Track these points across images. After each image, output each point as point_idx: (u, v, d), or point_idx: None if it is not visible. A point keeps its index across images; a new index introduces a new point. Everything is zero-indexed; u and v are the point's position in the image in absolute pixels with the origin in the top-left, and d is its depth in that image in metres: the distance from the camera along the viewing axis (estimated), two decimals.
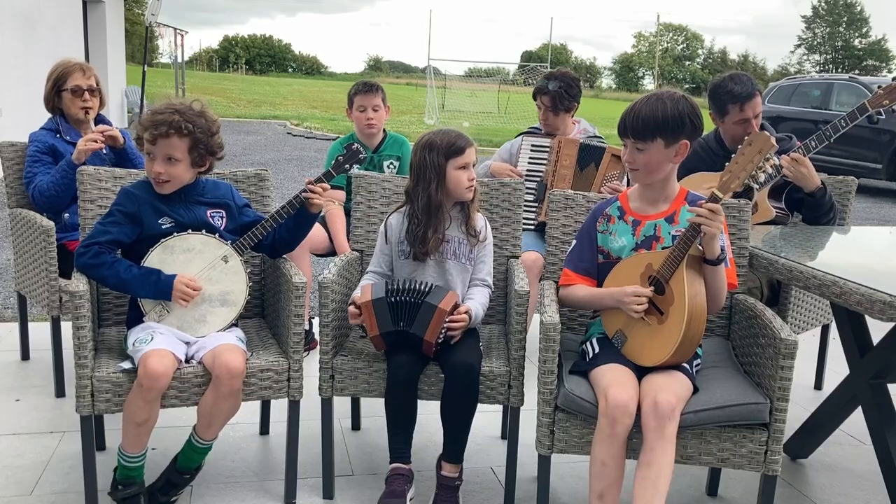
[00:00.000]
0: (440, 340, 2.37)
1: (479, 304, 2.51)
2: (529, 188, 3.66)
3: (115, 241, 2.37)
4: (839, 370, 2.85)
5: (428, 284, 2.43)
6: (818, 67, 65.83)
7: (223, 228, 2.51)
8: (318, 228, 3.58)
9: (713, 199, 2.15)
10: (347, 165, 2.65)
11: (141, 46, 22.32)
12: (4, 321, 4.12)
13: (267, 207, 2.85)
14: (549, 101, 3.70)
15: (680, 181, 3.07)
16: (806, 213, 3.19)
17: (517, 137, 3.87)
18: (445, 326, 2.35)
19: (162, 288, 2.35)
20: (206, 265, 2.43)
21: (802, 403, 3.32)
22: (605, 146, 3.59)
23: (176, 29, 26.38)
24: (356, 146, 2.66)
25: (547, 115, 3.74)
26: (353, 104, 3.85)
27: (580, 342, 2.47)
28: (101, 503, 2.31)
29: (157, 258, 2.38)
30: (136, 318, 2.41)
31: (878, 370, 2.51)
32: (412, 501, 2.42)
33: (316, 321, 3.66)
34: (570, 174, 3.60)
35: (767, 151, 2.09)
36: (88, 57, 12.78)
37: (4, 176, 3.36)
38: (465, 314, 2.40)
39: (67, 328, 2.56)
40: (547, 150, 3.71)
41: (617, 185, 3.48)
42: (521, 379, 2.42)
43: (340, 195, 3.78)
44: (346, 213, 3.73)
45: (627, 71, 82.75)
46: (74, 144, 3.24)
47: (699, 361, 2.34)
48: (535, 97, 3.81)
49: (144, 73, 15.46)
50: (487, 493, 2.59)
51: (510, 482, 2.50)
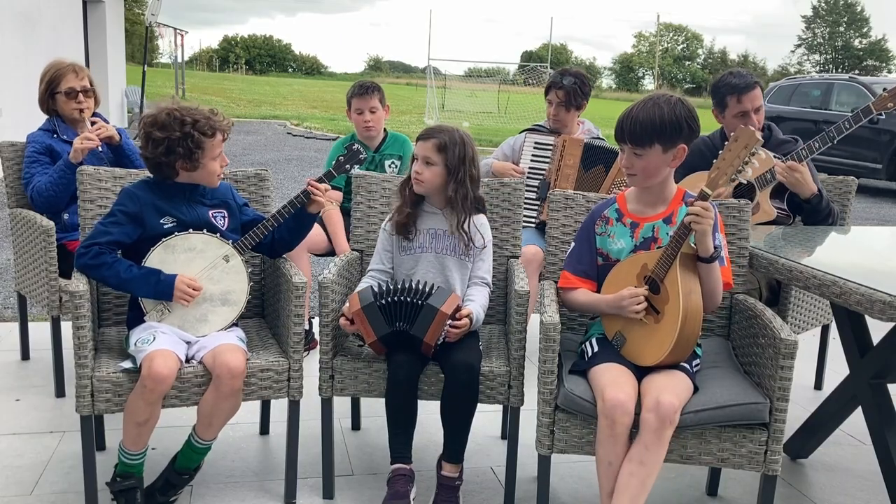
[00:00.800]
0: (439, 342, 2.37)
1: (479, 306, 2.51)
2: (532, 186, 3.66)
3: (115, 241, 2.37)
4: (839, 370, 2.85)
5: (430, 285, 2.43)
6: (818, 67, 65.84)
7: (225, 228, 2.51)
8: (316, 228, 3.57)
9: (702, 196, 2.15)
10: (348, 166, 2.65)
11: (141, 46, 22.33)
12: (4, 321, 4.12)
13: (267, 207, 2.85)
14: (563, 95, 3.68)
15: (683, 179, 3.09)
16: (805, 217, 3.20)
17: (520, 134, 3.85)
18: (445, 329, 2.35)
19: (163, 288, 2.35)
20: (207, 264, 2.43)
21: (802, 403, 3.32)
22: (616, 149, 3.58)
23: (176, 29, 26.42)
24: (356, 146, 2.66)
25: (559, 110, 3.72)
26: (350, 106, 3.85)
27: (580, 342, 2.47)
28: (101, 503, 2.32)
29: (158, 257, 2.38)
30: (136, 317, 2.41)
31: (878, 370, 2.51)
32: (414, 500, 2.42)
33: (316, 321, 3.66)
34: (573, 174, 3.59)
35: (753, 146, 2.09)
36: (88, 57, 12.78)
37: (4, 176, 3.36)
38: (466, 318, 2.40)
39: (67, 328, 2.56)
40: (550, 148, 3.70)
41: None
42: (521, 379, 2.42)
43: (337, 195, 3.77)
44: (345, 213, 3.73)
45: (627, 71, 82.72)
46: (71, 144, 3.24)
47: (699, 361, 2.34)
48: (547, 91, 3.77)
49: (144, 73, 15.47)
50: (487, 493, 2.60)
51: (510, 482, 2.50)
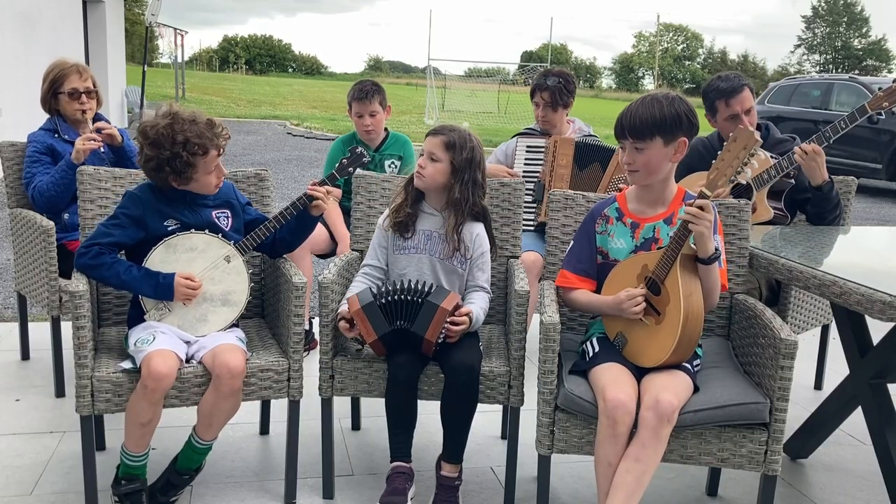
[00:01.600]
0: (440, 341, 2.37)
1: (479, 307, 2.51)
2: (527, 189, 3.66)
3: (116, 243, 2.37)
4: (839, 370, 2.85)
5: (429, 284, 2.43)
6: (818, 67, 65.84)
7: (229, 228, 2.51)
8: (319, 229, 3.57)
9: (701, 196, 2.15)
10: (351, 169, 2.65)
11: (141, 46, 22.33)
12: (4, 321, 4.12)
13: (267, 207, 2.85)
14: (548, 96, 3.70)
15: (681, 180, 3.09)
16: (812, 209, 3.18)
17: (512, 139, 3.86)
18: (445, 327, 2.35)
19: (163, 288, 2.35)
20: (208, 265, 2.43)
21: (802, 403, 3.32)
22: (613, 147, 3.59)
23: (176, 29, 26.43)
24: (360, 150, 2.66)
25: (546, 111, 3.73)
26: (351, 108, 3.84)
27: (580, 342, 2.47)
28: (101, 503, 2.32)
29: (159, 257, 2.38)
30: (137, 316, 2.41)
31: (878, 370, 2.51)
32: (413, 500, 2.42)
33: (316, 321, 3.66)
34: (567, 173, 3.60)
35: (752, 147, 2.10)
36: (88, 57, 12.79)
37: (4, 176, 3.36)
38: (465, 316, 2.40)
39: (67, 328, 2.56)
40: (542, 150, 3.70)
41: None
42: (521, 379, 2.42)
43: (337, 192, 3.77)
44: (345, 212, 3.73)
45: (627, 71, 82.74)
46: (73, 144, 3.24)
47: (699, 361, 2.34)
48: (532, 94, 3.79)
49: (144, 73, 15.47)
50: (487, 493, 2.60)
51: (510, 482, 2.50)
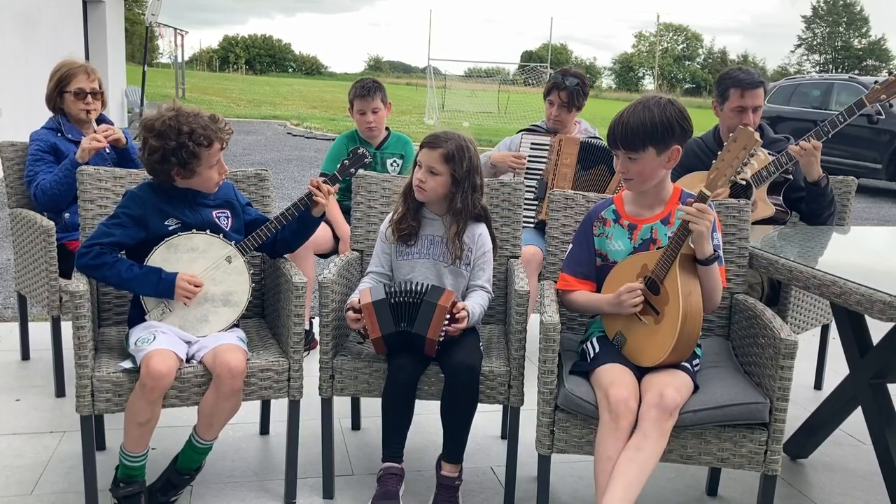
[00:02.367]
0: (441, 339, 2.37)
1: (476, 304, 2.51)
2: (530, 186, 3.66)
3: (117, 243, 2.37)
4: (839, 370, 2.85)
5: (424, 285, 2.43)
6: (818, 67, 65.84)
7: (229, 229, 2.51)
8: (322, 228, 3.57)
9: (701, 197, 2.15)
10: (353, 169, 2.65)
11: (141, 46, 22.33)
12: (4, 321, 4.12)
13: (267, 208, 2.85)
14: (566, 96, 3.68)
15: (678, 180, 3.09)
16: (806, 206, 3.19)
17: (517, 134, 3.86)
18: (445, 325, 2.35)
19: (164, 287, 2.35)
20: (209, 265, 2.43)
21: (802, 403, 3.32)
22: None
23: (176, 29, 26.43)
24: (362, 150, 2.66)
25: (560, 111, 3.72)
26: (353, 106, 3.85)
27: (580, 342, 2.47)
28: (101, 503, 2.32)
29: (160, 256, 2.38)
30: (138, 316, 2.41)
31: (878, 370, 2.51)
32: (409, 501, 2.42)
33: (316, 321, 3.66)
34: (570, 172, 3.60)
35: (752, 147, 2.10)
36: (88, 57, 12.78)
37: (5, 176, 3.36)
38: (463, 311, 2.40)
39: (67, 328, 2.57)
40: (547, 148, 3.70)
41: None
42: (521, 379, 2.42)
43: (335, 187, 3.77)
44: (345, 211, 3.73)
45: (627, 71, 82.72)
46: (76, 143, 3.24)
47: (699, 361, 2.35)
48: (548, 93, 3.77)
49: (144, 73, 15.48)
50: (487, 493, 2.60)
51: (510, 482, 2.50)
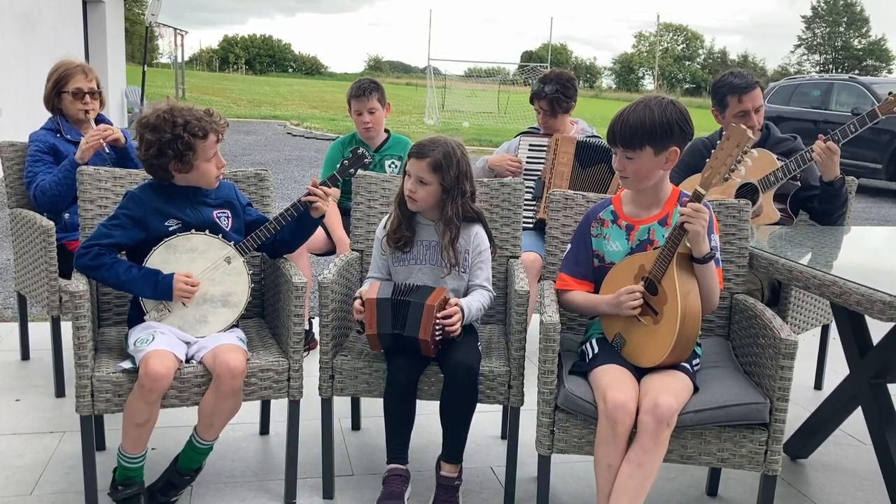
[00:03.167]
0: (438, 338, 2.36)
1: (473, 300, 2.50)
2: (528, 187, 3.66)
3: (116, 244, 2.37)
4: (839, 370, 2.85)
5: (412, 285, 2.43)
6: (818, 67, 65.84)
7: (229, 229, 2.51)
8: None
9: (696, 196, 2.15)
10: (352, 170, 2.65)
11: (141, 46, 22.34)
12: (4, 321, 4.12)
13: (267, 208, 2.85)
14: (546, 105, 3.71)
15: (684, 181, 3.09)
16: (819, 205, 3.18)
17: (515, 138, 3.88)
18: (440, 323, 2.35)
19: (162, 288, 2.35)
20: (209, 265, 2.43)
21: (802, 403, 3.32)
22: None
23: (176, 29, 26.44)
24: (362, 151, 2.65)
25: (546, 118, 3.76)
26: (350, 107, 3.85)
27: (580, 343, 2.47)
28: (101, 503, 2.32)
29: (159, 257, 2.38)
30: (137, 316, 2.41)
31: (878, 370, 2.51)
32: (410, 500, 2.42)
33: (316, 321, 3.66)
34: (567, 171, 3.60)
35: (745, 145, 2.10)
36: (88, 57, 12.78)
37: (4, 176, 3.36)
38: (455, 307, 2.39)
39: (67, 328, 2.57)
40: (545, 148, 3.71)
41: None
42: (521, 379, 2.42)
43: (335, 192, 3.77)
44: (345, 212, 3.73)
45: (627, 71, 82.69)
46: (75, 144, 3.24)
47: (698, 361, 2.34)
48: (532, 101, 3.81)
49: (144, 73, 15.48)
50: (487, 493, 2.60)
51: (510, 482, 2.50)
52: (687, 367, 2.23)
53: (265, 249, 2.62)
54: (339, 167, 2.63)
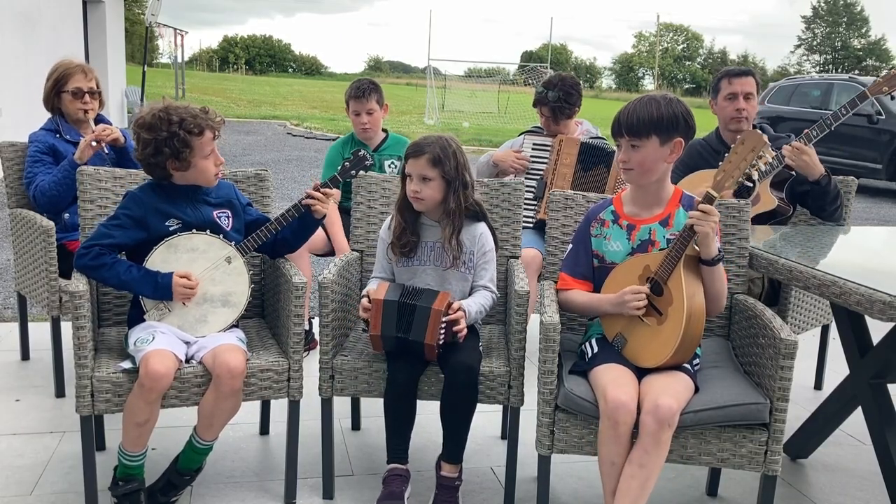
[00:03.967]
0: (441, 342, 2.37)
1: (474, 301, 2.50)
2: (529, 186, 3.66)
3: (117, 244, 2.37)
4: (839, 370, 2.85)
5: (417, 289, 2.43)
6: (818, 68, 65.85)
7: (229, 228, 2.51)
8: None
9: (707, 198, 2.15)
10: (354, 171, 2.65)
11: (141, 46, 22.35)
12: (4, 321, 4.12)
13: (267, 208, 2.85)
14: (549, 111, 3.71)
15: (681, 180, 3.09)
16: (812, 203, 3.21)
17: (519, 136, 3.87)
18: (444, 326, 2.35)
19: (162, 288, 2.35)
20: (209, 265, 2.43)
21: (802, 403, 3.32)
22: (616, 149, 3.59)
23: (176, 29, 26.45)
24: (363, 152, 2.65)
25: (548, 123, 3.76)
26: (349, 107, 3.84)
27: (579, 343, 2.47)
28: (101, 503, 2.32)
29: (160, 256, 2.39)
30: (137, 315, 2.41)
31: (878, 370, 2.51)
32: (409, 500, 2.42)
33: (316, 321, 3.66)
34: (570, 172, 3.60)
35: (760, 149, 2.10)
36: (88, 57, 12.79)
37: (4, 176, 3.36)
38: (458, 310, 2.39)
39: (67, 328, 2.57)
40: (548, 148, 3.71)
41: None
42: (521, 379, 2.42)
43: (336, 194, 3.77)
44: (345, 212, 3.73)
45: (627, 71, 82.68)
46: (74, 144, 3.24)
47: (698, 361, 2.34)
48: (535, 106, 3.80)
49: (144, 73, 15.50)
50: (487, 493, 2.60)
51: (510, 482, 2.50)
52: (687, 367, 2.23)
53: (266, 250, 2.62)
54: (340, 168, 2.63)
